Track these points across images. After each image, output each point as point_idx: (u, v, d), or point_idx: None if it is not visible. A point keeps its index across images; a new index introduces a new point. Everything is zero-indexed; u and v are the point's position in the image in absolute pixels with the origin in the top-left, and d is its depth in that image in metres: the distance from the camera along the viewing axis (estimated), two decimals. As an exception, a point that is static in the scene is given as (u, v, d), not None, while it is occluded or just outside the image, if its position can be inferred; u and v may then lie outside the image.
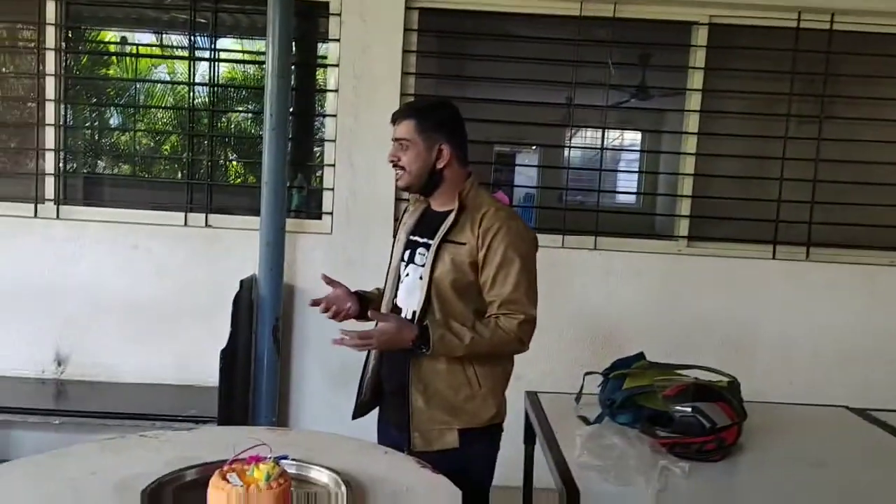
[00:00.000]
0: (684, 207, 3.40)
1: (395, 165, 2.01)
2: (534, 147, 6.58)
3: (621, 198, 4.69)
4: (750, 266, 3.36)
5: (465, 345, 1.89)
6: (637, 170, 4.62)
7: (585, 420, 2.34)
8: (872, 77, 3.40)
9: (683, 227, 3.40)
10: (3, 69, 3.56)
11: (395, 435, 2.03)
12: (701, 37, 3.31)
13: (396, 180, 2.04)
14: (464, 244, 1.94)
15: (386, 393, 2.10)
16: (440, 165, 1.99)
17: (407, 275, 2.04)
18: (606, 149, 3.45)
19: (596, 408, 2.41)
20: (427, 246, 1.99)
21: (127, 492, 1.30)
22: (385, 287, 2.14)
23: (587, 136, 3.60)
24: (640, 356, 2.54)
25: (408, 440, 1.95)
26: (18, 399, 3.12)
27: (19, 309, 3.34)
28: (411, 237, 2.07)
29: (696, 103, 3.34)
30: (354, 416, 2.13)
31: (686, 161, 3.39)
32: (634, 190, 4.67)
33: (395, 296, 2.08)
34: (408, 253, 2.06)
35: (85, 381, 3.35)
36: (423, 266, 1.98)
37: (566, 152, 3.60)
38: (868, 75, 3.39)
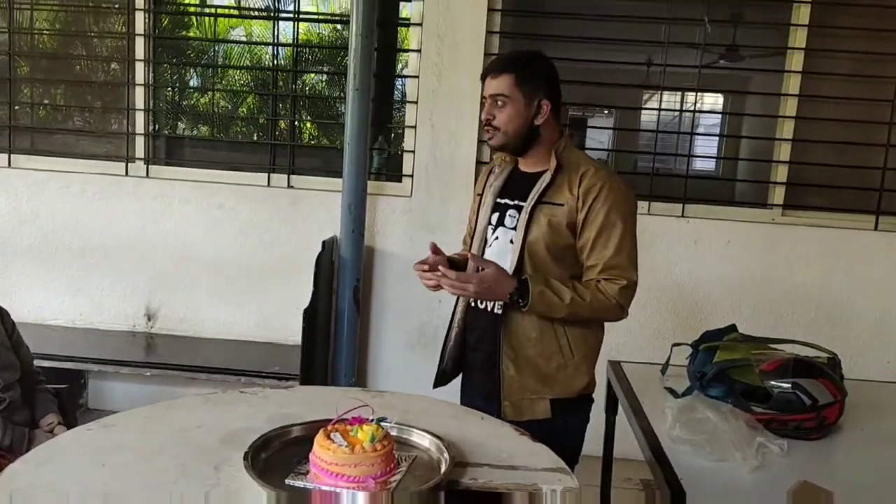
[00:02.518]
0: (780, 174, 3.23)
1: (487, 124, 1.88)
2: (606, 111, 6.40)
3: (702, 164, 4.51)
4: (849, 237, 3.18)
5: (565, 304, 1.80)
6: (725, 134, 4.43)
7: (673, 392, 2.28)
8: None
9: (779, 195, 3.23)
10: (94, 30, 3.64)
11: (481, 405, 1.95)
12: (805, -8, 3.11)
13: (488, 139, 1.91)
14: (562, 205, 1.84)
15: (471, 362, 2.05)
16: (538, 122, 1.87)
17: (496, 238, 1.96)
18: (695, 111, 3.30)
19: (683, 380, 2.34)
20: (518, 208, 1.91)
21: (235, 443, 1.32)
22: (470, 251, 2.07)
23: (664, 100, 3.44)
24: (732, 328, 2.45)
25: (497, 409, 1.89)
26: (112, 351, 3.25)
27: (112, 265, 3.46)
28: (499, 200, 1.98)
29: (797, 64, 3.15)
30: (435, 385, 2.09)
31: (784, 125, 3.21)
32: (720, 155, 4.49)
33: None
34: (496, 216, 1.97)
35: (173, 335, 3.47)
36: (513, 229, 1.90)
37: (644, 116, 3.46)
38: None
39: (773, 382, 2.03)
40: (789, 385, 2.00)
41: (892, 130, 3.15)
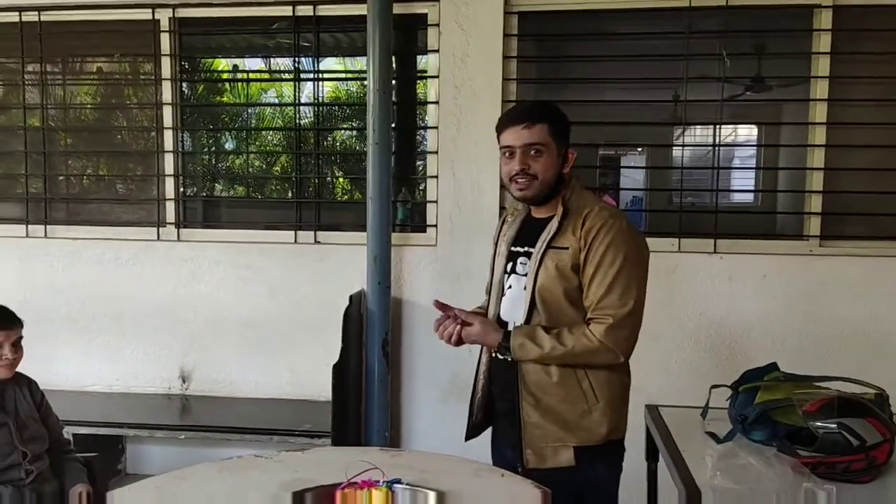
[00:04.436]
0: (814, 204, 3.14)
1: (523, 174, 1.87)
2: (639, 149, 6.36)
3: (736, 197, 4.41)
4: (891, 265, 3.06)
5: (544, 352, 1.80)
6: (756, 166, 4.34)
7: (715, 437, 2.19)
8: None
9: (815, 226, 3.13)
10: (126, 101, 3.77)
11: (509, 454, 1.95)
12: (825, 20, 3.06)
13: (520, 190, 1.90)
14: (567, 248, 1.84)
15: (498, 412, 2.03)
16: (565, 170, 1.91)
17: (510, 286, 1.97)
18: (722, 145, 3.24)
19: (725, 423, 2.25)
20: (528, 255, 1.92)
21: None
22: (489, 301, 2.07)
23: (696, 134, 3.40)
24: (773, 367, 2.35)
25: (520, 458, 1.87)
26: (148, 415, 3.28)
27: (146, 329, 3.51)
28: (512, 248, 1.99)
29: (822, 91, 3.08)
30: (467, 438, 2.07)
31: (814, 154, 3.13)
32: (752, 187, 4.39)
33: (499, 309, 2.00)
34: (510, 264, 1.98)
35: (207, 396, 3.48)
36: (525, 276, 1.90)
37: (676, 151, 3.42)
38: None
39: (817, 423, 1.93)
40: (835, 425, 1.89)
41: (927, 153, 3.05)
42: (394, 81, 3.18)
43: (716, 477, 1.86)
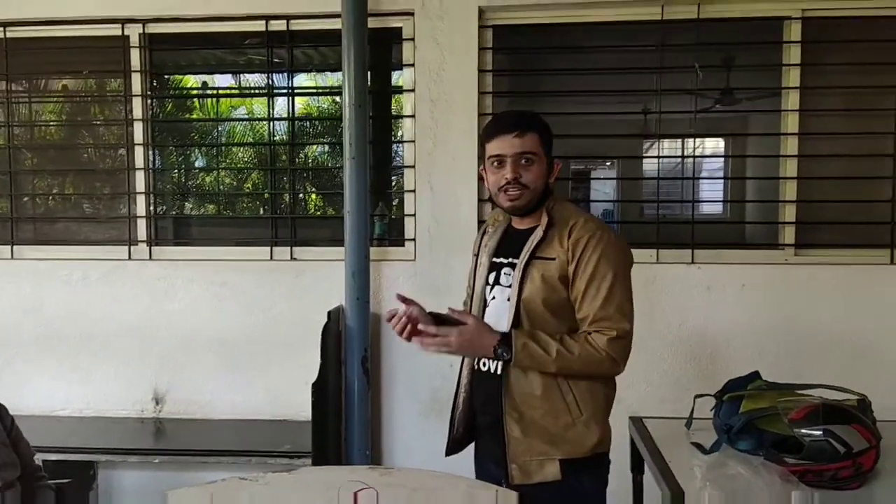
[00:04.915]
0: (788, 214, 3.18)
1: (515, 183, 1.85)
2: (609, 163, 6.43)
3: (707, 208, 4.47)
4: (866, 273, 3.10)
5: (551, 357, 1.76)
6: (730, 176, 4.40)
7: (701, 447, 2.19)
8: None
9: (790, 235, 3.17)
10: (95, 118, 3.69)
11: (493, 469, 1.92)
12: (794, 32, 3.11)
13: (511, 200, 1.87)
14: (553, 259, 1.82)
15: (480, 426, 2.00)
16: (551, 180, 1.90)
17: (493, 298, 1.94)
18: (697, 157, 3.28)
19: (709, 433, 2.26)
20: (512, 266, 1.89)
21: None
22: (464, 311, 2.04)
23: (665, 147, 3.43)
24: (756, 375, 2.37)
25: (505, 473, 1.84)
26: (120, 439, 3.17)
27: (117, 350, 3.42)
28: (494, 259, 1.97)
29: (794, 102, 3.13)
30: (448, 453, 2.04)
31: (788, 164, 3.17)
32: (727, 198, 4.45)
33: None
34: (492, 276, 1.95)
35: (182, 418, 3.39)
36: (509, 287, 1.88)
37: (650, 164, 3.44)
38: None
39: (803, 431, 1.93)
40: (821, 433, 1.90)
41: (896, 161, 3.11)
42: (368, 95, 3.15)
43: (705, 487, 1.86)
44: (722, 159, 5.55)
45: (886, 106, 3.13)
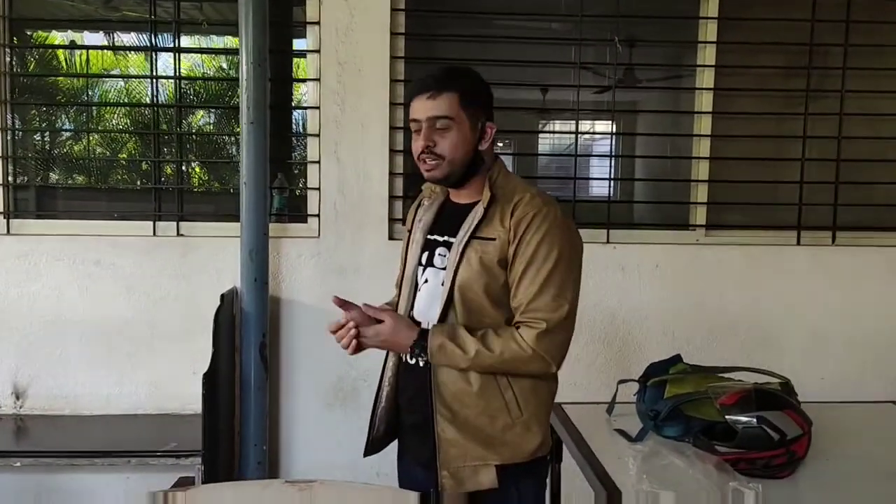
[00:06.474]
0: (700, 194, 3.15)
1: (428, 152, 1.62)
2: (506, 140, 6.30)
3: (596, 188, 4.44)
4: (773, 253, 3.12)
5: (468, 357, 1.57)
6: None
7: (625, 434, 2.10)
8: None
9: (701, 216, 3.15)
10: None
11: (420, 474, 1.71)
12: (711, 8, 3.07)
13: (426, 171, 1.65)
14: (493, 239, 1.61)
15: (405, 424, 1.78)
16: (482, 147, 1.65)
17: (426, 281, 1.71)
18: (617, 134, 3.20)
19: (629, 419, 2.17)
20: (448, 245, 1.67)
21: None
22: (399, 297, 1.82)
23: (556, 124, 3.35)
24: (678, 359, 2.29)
25: (435, 479, 1.62)
26: (-28, 440, 2.75)
27: (-32, 339, 2.96)
28: (429, 236, 1.74)
29: (709, 81, 3.09)
30: (366, 454, 1.81)
31: (700, 144, 3.14)
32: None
33: (412, 306, 1.74)
34: (425, 255, 1.72)
35: (47, 415, 2.98)
36: (444, 269, 1.66)
37: (562, 141, 3.35)
38: (891, 45, 3.18)
39: (735, 417, 1.86)
40: (754, 419, 1.83)
41: (805, 144, 3.14)
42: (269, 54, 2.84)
43: (642, 480, 1.75)
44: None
45: (798, 87, 3.14)
